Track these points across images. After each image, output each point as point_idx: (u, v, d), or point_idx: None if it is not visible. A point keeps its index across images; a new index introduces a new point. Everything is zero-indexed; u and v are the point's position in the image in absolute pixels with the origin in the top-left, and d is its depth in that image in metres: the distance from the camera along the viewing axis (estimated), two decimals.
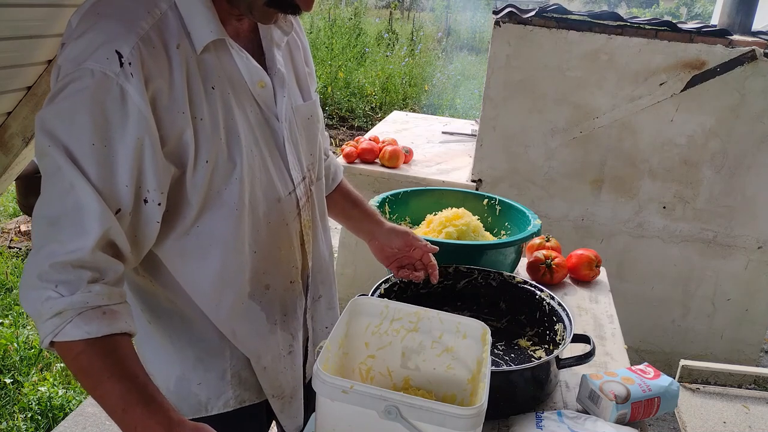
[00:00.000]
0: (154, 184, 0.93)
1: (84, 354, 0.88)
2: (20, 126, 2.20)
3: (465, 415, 0.83)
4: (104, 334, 0.88)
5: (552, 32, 2.88)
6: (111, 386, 0.87)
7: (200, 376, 1.14)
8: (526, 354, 1.36)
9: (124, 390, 0.86)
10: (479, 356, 1.08)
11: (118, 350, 0.89)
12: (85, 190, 0.87)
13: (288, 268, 1.17)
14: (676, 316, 3.19)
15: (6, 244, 4.26)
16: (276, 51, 1.11)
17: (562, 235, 2.83)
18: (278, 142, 1.10)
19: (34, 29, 1.91)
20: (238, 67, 1.03)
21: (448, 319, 1.10)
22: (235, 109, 1.02)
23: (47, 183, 0.89)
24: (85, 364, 0.88)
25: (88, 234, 0.88)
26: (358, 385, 0.87)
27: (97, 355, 0.88)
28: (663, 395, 1.18)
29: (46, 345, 0.88)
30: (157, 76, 0.91)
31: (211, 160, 0.98)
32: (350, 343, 1.07)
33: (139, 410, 0.86)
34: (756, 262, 3.04)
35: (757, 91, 2.79)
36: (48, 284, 0.87)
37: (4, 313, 3.32)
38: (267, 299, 1.14)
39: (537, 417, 1.15)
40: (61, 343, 0.88)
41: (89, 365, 0.88)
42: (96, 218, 0.88)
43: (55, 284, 0.87)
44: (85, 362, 0.88)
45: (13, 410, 2.61)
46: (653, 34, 2.81)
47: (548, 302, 1.39)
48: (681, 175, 2.98)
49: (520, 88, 2.98)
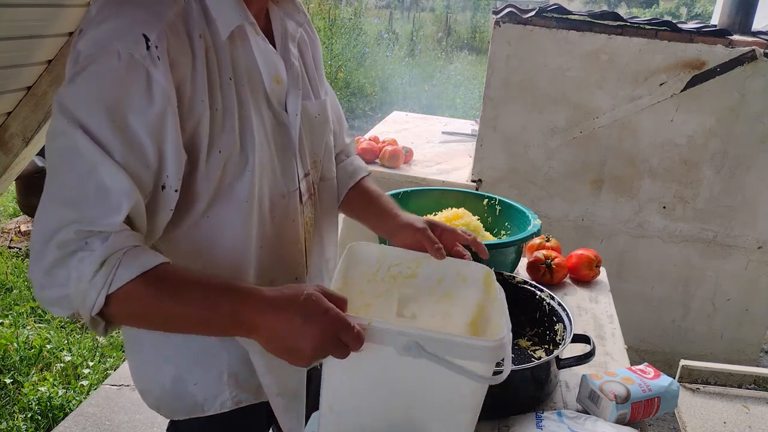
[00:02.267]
0: (173, 170, 0.91)
1: (147, 290, 0.82)
2: (20, 126, 2.20)
3: (488, 346, 0.82)
4: (157, 263, 0.83)
5: (552, 32, 2.88)
6: (186, 305, 0.83)
7: (197, 376, 1.13)
8: (526, 354, 1.36)
9: (200, 297, 0.83)
10: (480, 300, 1.05)
11: (174, 271, 0.85)
12: (111, 169, 0.83)
13: (294, 265, 1.16)
14: (676, 316, 3.19)
15: (6, 244, 4.26)
16: (291, 44, 1.12)
17: (562, 235, 2.83)
18: (286, 137, 1.10)
19: (34, 29, 1.91)
20: (256, 60, 1.03)
21: (449, 263, 1.07)
22: (250, 102, 1.01)
23: (63, 166, 0.84)
24: (152, 300, 0.83)
25: (118, 210, 0.83)
26: (376, 321, 0.83)
27: (159, 283, 0.83)
28: (663, 395, 1.18)
29: (100, 305, 0.81)
30: (182, 63, 0.90)
31: (224, 151, 0.97)
32: (348, 292, 0.97)
33: (227, 304, 0.83)
34: (756, 262, 3.04)
35: (757, 91, 2.79)
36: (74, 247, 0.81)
37: (4, 313, 3.32)
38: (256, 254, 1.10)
39: (537, 417, 1.15)
40: (118, 293, 0.81)
41: (157, 297, 0.83)
42: (125, 194, 0.84)
43: (85, 241, 0.81)
44: (152, 296, 0.83)
45: (13, 410, 2.61)
46: (653, 34, 2.82)
47: (548, 302, 1.39)
48: (681, 175, 2.98)
49: (520, 88, 2.98)
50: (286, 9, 1.12)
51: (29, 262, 0.85)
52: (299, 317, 0.81)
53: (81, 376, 2.86)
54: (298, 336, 0.81)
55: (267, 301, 0.83)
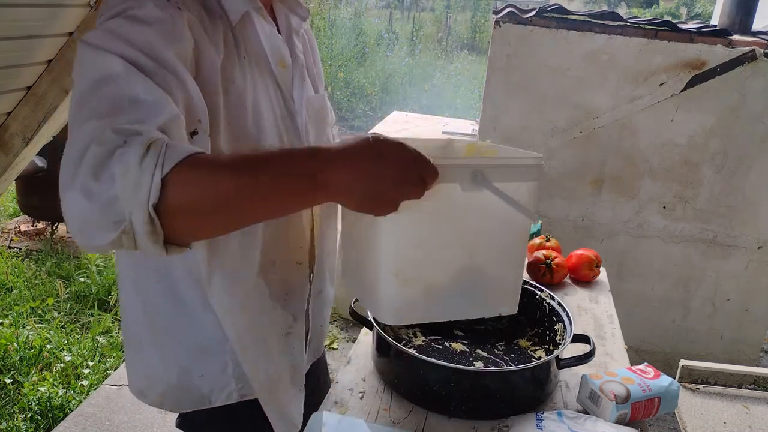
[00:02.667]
0: (203, 112, 0.90)
1: (204, 168, 0.74)
2: (20, 126, 2.20)
3: (536, 161, 0.93)
4: (200, 151, 0.75)
5: (552, 32, 2.88)
6: (253, 175, 0.74)
7: (202, 368, 1.13)
8: (526, 354, 1.36)
9: (265, 165, 0.76)
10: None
11: (224, 154, 0.83)
12: (148, 84, 0.80)
13: (295, 248, 1.16)
14: (677, 316, 3.19)
15: (6, 244, 4.26)
16: (295, 37, 1.15)
17: (562, 235, 2.83)
18: (294, 125, 1.12)
19: (34, 29, 1.91)
20: (262, 44, 1.06)
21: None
22: (259, 83, 1.04)
23: (94, 91, 0.79)
24: (212, 176, 0.74)
25: (155, 114, 0.78)
26: (438, 158, 0.82)
27: (216, 160, 0.76)
28: (663, 395, 1.18)
29: (157, 188, 0.70)
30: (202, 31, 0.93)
31: (236, 126, 0.99)
32: None
33: (299, 166, 0.76)
34: (756, 262, 3.04)
35: (757, 91, 2.79)
36: (112, 146, 0.72)
37: (4, 313, 3.32)
38: (272, 275, 1.11)
39: (537, 417, 1.15)
40: (172, 178, 0.71)
41: (217, 172, 0.74)
42: (162, 104, 0.79)
43: (123, 140, 0.73)
44: (211, 172, 0.74)
45: (13, 410, 2.61)
46: (653, 34, 2.81)
47: (548, 302, 1.39)
48: (681, 175, 2.98)
49: (520, 88, 2.98)
50: (290, 4, 1.15)
51: (61, 195, 0.76)
52: (375, 157, 0.77)
53: (81, 376, 2.86)
54: (379, 177, 0.78)
55: (337, 153, 0.77)
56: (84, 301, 3.56)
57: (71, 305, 3.50)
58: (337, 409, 1.16)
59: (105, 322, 3.30)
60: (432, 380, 1.14)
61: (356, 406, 1.17)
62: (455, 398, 1.14)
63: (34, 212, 4.30)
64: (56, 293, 3.57)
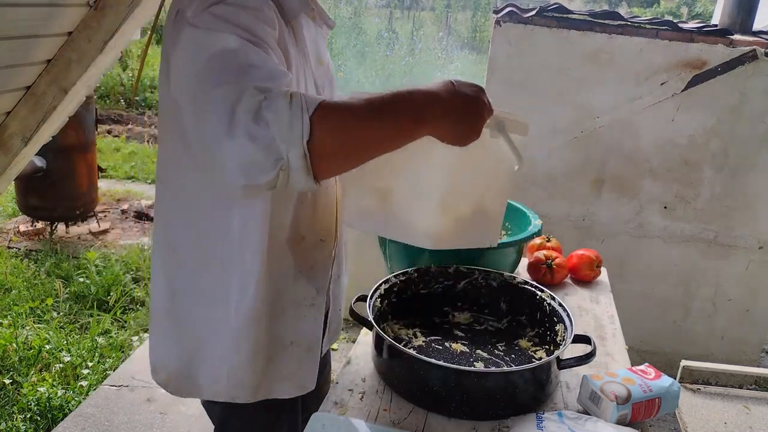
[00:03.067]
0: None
1: (338, 107, 0.90)
2: (19, 126, 2.20)
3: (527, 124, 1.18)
4: (327, 98, 0.90)
5: (552, 32, 2.87)
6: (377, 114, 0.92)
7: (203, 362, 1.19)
8: (527, 355, 1.35)
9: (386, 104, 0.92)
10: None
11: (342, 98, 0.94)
12: (266, 58, 0.93)
13: (322, 226, 1.23)
14: (677, 316, 3.19)
15: (5, 245, 4.26)
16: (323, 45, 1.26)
17: (563, 235, 2.82)
18: None
19: (33, 29, 1.90)
20: (306, 42, 1.16)
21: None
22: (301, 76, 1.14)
23: (216, 70, 0.91)
24: (347, 112, 0.90)
25: (284, 74, 0.92)
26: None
27: (345, 102, 0.91)
28: (664, 396, 1.17)
29: (307, 127, 0.86)
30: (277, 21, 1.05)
31: None
32: None
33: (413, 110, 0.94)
34: (757, 263, 3.03)
35: (758, 90, 2.78)
36: (260, 97, 0.87)
37: (3, 314, 3.31)
38: (299, 249, 1.19)
39: (537, 418, 1.14)
40: (316, 116, 0.86)
41: (350, 109, 0.90)
42: (280, 70, 0.93)
43: (263, 95, 0.87)
44: (345, 110, 0.90)
45: (12, 411, 2.61)
46: (654, 34, 2.81)
47: (549, 303, 1.38)
48: (682, 175, 2.97)
49: (520, 88, 2.98)
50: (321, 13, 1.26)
51: (216, 148, 0.89)
52: (463, 98, 0.96)
53: (80, 377, 2.86)
54: (468, 115, 0.97)
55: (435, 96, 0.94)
56: (83, 301, 3.55)
57: (70, 305, 3.50)
58: (337, 409, 1.16)
59: (104, 323, 3.30)
60: (432, 381, 1.14)
61: (356, 407, 1.17)
62: (455, 399, 1.13)
63: (33, 212, 4.29)
64: (55, 293, 3.57)
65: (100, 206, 4.89)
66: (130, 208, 5.06)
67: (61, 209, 4.24)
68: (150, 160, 6.39)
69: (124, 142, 6.91)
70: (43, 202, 4.17)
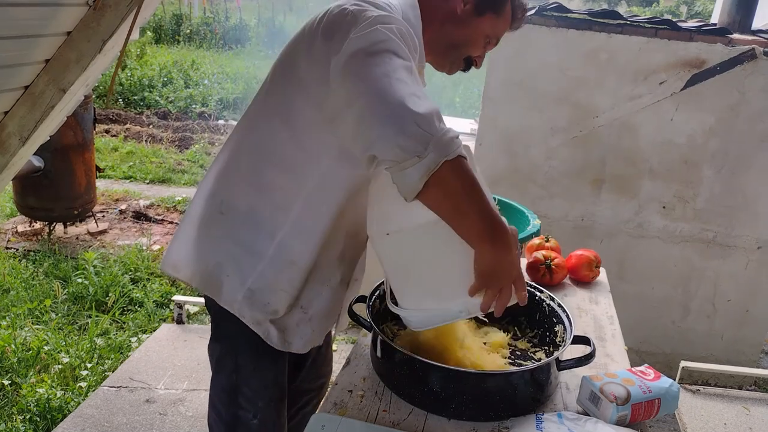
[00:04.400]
0: None
1: (463, 170, 1.03)
2: (17, 125, 2.19)
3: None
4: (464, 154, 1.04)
5: (552, 31, 2.87)
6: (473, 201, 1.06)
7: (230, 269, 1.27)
8: (527, 356, 1.35)
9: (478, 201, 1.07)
10: None
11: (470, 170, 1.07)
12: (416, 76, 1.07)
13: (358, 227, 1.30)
14: (677, 317, 3.18)
15: (3, 245, 4.25)
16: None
17: (562, 236, 2.82)
18: None
19: (32, 28, 1.90)
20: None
21: None
22: None
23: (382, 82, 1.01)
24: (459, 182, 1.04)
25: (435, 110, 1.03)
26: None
27: (468, 170, 1.04)
28: (663, 397, 1.17)
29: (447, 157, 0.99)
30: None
31: None
32: None
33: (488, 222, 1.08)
34: (756, 263, 3.03)
35: (757, 89, 2.78)
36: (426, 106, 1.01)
37: (1, 315, 3.31)
38: (350, 241, 1.33)
39: (537, 419, 1.14)
40: (453, 160, 1.00)
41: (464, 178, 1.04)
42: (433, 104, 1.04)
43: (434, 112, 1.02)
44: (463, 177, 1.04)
45: (12, 412, 2.60)
46: (653, 33, 2.81)
47: (548, 303, 1.38)
48: (681, 175, 2.97)
49: (519, 87, 2.97)
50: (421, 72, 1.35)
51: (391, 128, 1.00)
52: (511, 248, 1.07)
53: (79, 378, 2.85)
54: (507, 262, 1.06)
55: (506, 235, 1.07)
56: (82, 302, 3.55)
57: (69, 306, 3.49)
58: (336, 410, 1.16)
59: (103, 324, 3.29)
60: (432, 382, 1.14)
61: (356, 408, 1.17)
62: (455, 400, 1.13)
63: (31, 212, 4.28)
64: (54, 294, 3.56)
65: (98, 206, 4.88)
66: (129, 208, 5.05)
67: (59, 209, 4.23)
68: (148, 159, 6.38)
69: (122, 142, 6.90)
70: (40, 202, 4.16)
